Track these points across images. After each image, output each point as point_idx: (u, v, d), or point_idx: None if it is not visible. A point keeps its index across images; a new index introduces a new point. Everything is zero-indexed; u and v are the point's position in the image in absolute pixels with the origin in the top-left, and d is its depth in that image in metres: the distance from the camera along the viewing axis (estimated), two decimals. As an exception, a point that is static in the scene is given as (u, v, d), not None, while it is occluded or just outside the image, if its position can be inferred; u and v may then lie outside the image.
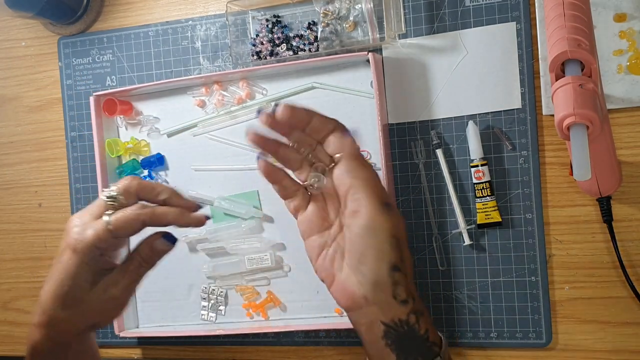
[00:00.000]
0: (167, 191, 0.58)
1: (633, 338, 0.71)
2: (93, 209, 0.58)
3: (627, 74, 0.69)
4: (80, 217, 0.58)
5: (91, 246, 0.56)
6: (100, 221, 0.56)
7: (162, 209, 0.57)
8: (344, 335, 0.80)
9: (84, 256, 0.56)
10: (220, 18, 0.84)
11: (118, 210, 0.57)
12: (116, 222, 0.56)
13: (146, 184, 0.58)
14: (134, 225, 0.56)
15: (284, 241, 0.82)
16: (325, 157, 0.52)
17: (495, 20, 0.74)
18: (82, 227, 0.56)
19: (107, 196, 0.57)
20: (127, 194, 0.57)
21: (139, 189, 0.58)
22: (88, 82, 0.90)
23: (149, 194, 0.58)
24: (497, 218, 0.73)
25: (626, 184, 0.70)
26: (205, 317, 0.85)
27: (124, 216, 0.56)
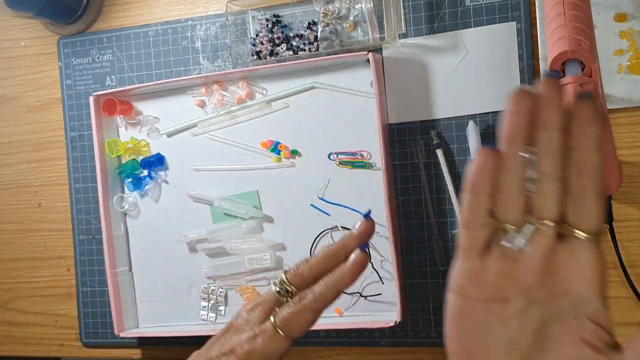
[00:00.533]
0: (325, 255, 0.51)
1: (633, 338, 0.71)
2: (265, 304, 0.51)
3: (627, 73, 0.69)
4: (249, 314, 0.51)
5: (261, 359, 0.50)
6: (268, 327, 0.50)
7: (325, 287, 0.50)
8: (344, 335, 0.80)
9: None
10: (220, 18, 0.84)
11: (282, 308, 0.50)
12: (283, 324, 0.49)
13: (313, 264, 0.51)
14: (306, 320, 0.49)
15: (284, 241, 0.82)
16: (550, 211, 0.34)
17: (495, 20, 0.74)
18: (251, 333, 0.50)
19: (278, 290, 0.51)
20: (299, 281, 0.51)
21: (308, 272, 0.51)
22: (88, 82, 0.90)
23: (321, 271, 0.51)
24: (497, 218, 0.73)
25: (626, 184, 0.70)
26: (205, 317, 0.85)
27: (289, 315, 0.49)
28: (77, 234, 0.91)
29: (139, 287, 0.88)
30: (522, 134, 0.33)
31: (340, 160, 0.79)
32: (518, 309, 0.35)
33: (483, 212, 0.35)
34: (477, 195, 0.34)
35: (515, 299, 0.35)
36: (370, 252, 0.51)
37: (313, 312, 0.49)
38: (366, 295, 0.78)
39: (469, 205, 0.35)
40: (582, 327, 0.33)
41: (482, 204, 0.34)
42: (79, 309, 0.91)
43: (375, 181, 0.77)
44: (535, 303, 0.34)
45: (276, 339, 0.49)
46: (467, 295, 0.35)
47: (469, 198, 0.35)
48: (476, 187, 0.34)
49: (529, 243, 0.34)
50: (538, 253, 0.34)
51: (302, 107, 0.80)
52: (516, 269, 0.34)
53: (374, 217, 0.78)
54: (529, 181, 0.33)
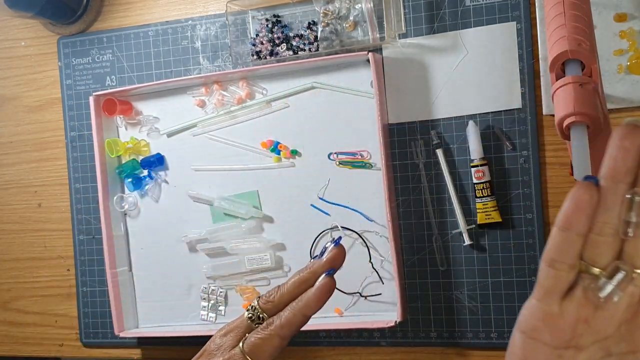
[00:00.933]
0: (295, 281, 0.52)
1: (633, 338, 0.71)
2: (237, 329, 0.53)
3: (627, 73, 0.69)
4: (221, 339, 0.53)
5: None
6: (236, 352, 0.51)
7: (291, 312, 0.51)
8: (344, 335, 0.80)
9: None
10: (220, 18, 0.84)
11: (251, 334, 0.51)
12: (250, 351, 0.50)
13: (284, 291, 0.52)
14: (273, 346, 0.50)
15: (284, 241, 0.82)
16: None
17: (495, 20, 0.74)
18: (220, 358, 0.51)
19: (250, 316, 0.52)
20: (270, 307, 0.52)
21: (279, 299, 0.52)
22: (88, 82, 0.90)
23: (292, 297, 0.52)
24: (497, 218, 0.73)
25: (626, 184, 0.70)
26: (205, 317, 0.85)
27: (256, 340, 0.50)
28: (77, 234, 0.91)
29: (139, 287, 0.88)
30: (629, 173, 0.31)
31: (340, 160, 0.79)
32: (590, 359, 0.33)
33: (573, 253, 0.32)
34: (569, 234, 0.32)
35: (589, 349, 0.32)
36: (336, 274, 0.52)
37: (280, 338, 0.50)
38: (366, 295, 0.78)
39: (558, 244, 0.32)
40: None
41: (574, 243, 0.32)
42: (79, 309, 0.91)
43: (375, 181, 0.77)
44: (611, 356, 0.32)
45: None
46: (539, 338, 0.33)
47: (560, 235, 0.32)
48: (570, 224, 0.31)
49: (619, 290, 0.31)
50: (624, 303, 0.32)
51: (302, 107, 0.80)
52: (597, 317, 0.32)
53: (373, 218, 0.78)
54: (627, 225, 0.31)
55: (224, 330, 0.53)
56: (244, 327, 0.52)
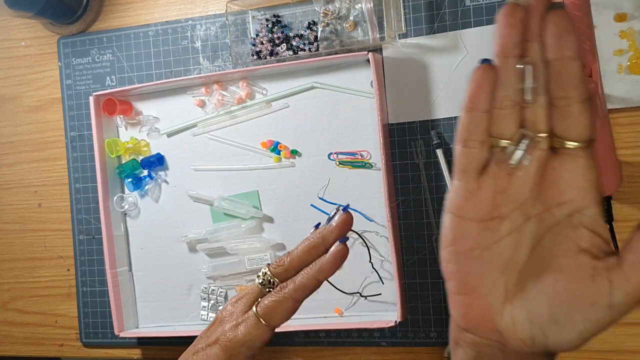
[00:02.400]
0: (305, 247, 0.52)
1: (633, 338, 0.71)
2: (248, 296, 0.53)
3: (627, 73, 0.69)
4: (233, 306, 0.53)
5: (243, 347, 0.51)
6: (250, 315, 0.51)
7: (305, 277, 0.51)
8: (344, 335, 0.80)
9: (234, 357, 0.51)
10: (220, 18, 0.84)
11: (264, 298, 0.52)
12: (264, 313, 0.51)
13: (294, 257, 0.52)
14: (286, 309, 0.51)
15: (284, 241, 0.82)
16: (543, 123, 0.34)
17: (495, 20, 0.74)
18: (234, 322, 0.52)
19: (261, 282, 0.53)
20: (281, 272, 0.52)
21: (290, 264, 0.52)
22: (88, 82, 0.90)
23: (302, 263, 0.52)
24: (497, 218, 0.73)
25: (626, 184, 0.70)
26: (205, 317, 0.85)
27: (270, 303, 0.51)
28: (77, 234, 0.91)
29: (139, 287, 0.88)
30: (515, 47, 0.33)
31: (340, 160, 0.79)
32: (513, 226, 0.35)
33: (482, 130, 0.34)
34: (475, 113, 0.34)
35: (510, 216, 0.35)
36: (366, 240, 0.53)
37: (293, 301, 0.50)
38: (366, 295, 0.78)
39: (467, 124, 0.35)
40: (579, 236, 0.33)
41: (480, 121, 0.34)
42: (79, 309, 0.91)
43: (375, 181, 0.77)
44: (530, 218, 0.35)
45: (258, 327, 0.50)
46: (464, 215, 0.35)
47: (467, 116, 0.34)
48: (474, 104, 0.34)
49: (527, 155, 0.34)
50: (533, 167, 0.34)
51: (302, 107, 0.80)
52: (511, 185, 0.35)
53: (373, 218, 0.78)
54: (523, 93, 0.33)
55: (235, 298, 0.53)
56: (256, 293, 0.53)
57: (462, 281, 0.36)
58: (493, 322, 0.35)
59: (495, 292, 0.35)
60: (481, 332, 0.36)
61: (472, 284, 0.36)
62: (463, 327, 0.37)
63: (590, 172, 0.33)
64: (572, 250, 0.33)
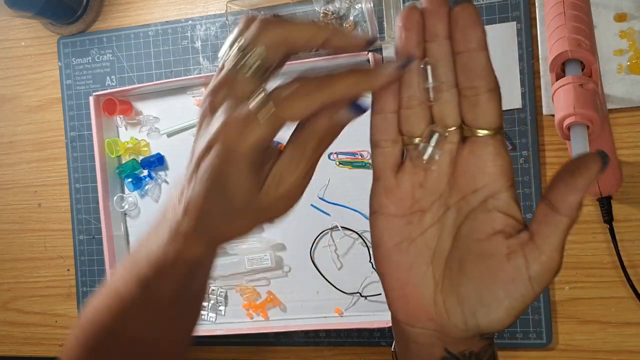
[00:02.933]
0: (325, 30, 0.37)
1: (633, 338, 0.71)
2: (237, 87, 0.36)
3: (627, 73, 0.69)
4: (224, 102, 0.36)
5: (254, 151, 0.36)
6: (255, 109, 0.35)
7: (339, 75, 0.37)
8: (344, 335, 0.80)
9: (245, 165, 0.36)
10: (220, 18, 0.84)
11: (278, 89, 0.37)
12: (283, 108, 0.36)
13: (287, 26, 0.39)
14: (310, 106, 0.37)
15: (284, 241, 0.82)
16: (451, 117, 0.35)
17: (495, 20, 0.74)
18: (233, 124, 0.35)
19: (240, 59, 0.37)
20: (272, 48, 0.38)
21: (282, 37, 0.38)
22: (88, 82, 0.90)
23: (302, 41, 0.39)
24: (497, 218, 0.73)
25: (626, 184, 0.70)
26: (205, 318, 0.85)
27: (293, 97, 0.36)
28: (77, 234, 0.91)
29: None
30: (418, 47, 0.34)
31: (340, 160, 0.79)
32: (435, 217, 0.36)
33: (392, 129, 0.37)
34: (383, 114, 0.37)
35: (431, 208, 0.37)
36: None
37: (320, 103, 0.37)
38: (366, 295, 0.78)
39: (377, 125, 0.37)
40: (493, 220, 0.34)
41: (390, 121, 0.37)
42: (79, 309, 0.91)
43: (375, 181, 0.77)
44: (450, 208, 0.36)
45: (272, 125, 0.36)
46: (387, 212, 0.37)
47: (377, 118, 0.37)
48: (382, 107, 0.36)
49: (437, 150, 0.35)
50: (445, 160, 0.36)
51: (302, 107, 0.80)
52: (428, 179, 0.36)
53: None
54: (427, 92, 0.35)
55: (211, 87, 0.37)
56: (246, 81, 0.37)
57: (394, 276, 0.38)
58: (428, 311, 0.37)
59: (426, 283, 0.37)
60: (419, 323, 0.37)
61: (403, 277, 0.37)
62: (402, 320, 0.38)
63: (500, 158, 0.35)
64: (488, 233, 0.34)
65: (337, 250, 0.79)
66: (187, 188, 0.37)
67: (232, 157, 0.35)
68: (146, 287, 0.41)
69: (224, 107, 0.36)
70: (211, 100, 0.37)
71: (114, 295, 0.43)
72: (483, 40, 0.34)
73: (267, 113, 0.36)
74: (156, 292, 0.41)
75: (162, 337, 0.45)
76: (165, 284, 0.41)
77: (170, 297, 0.42)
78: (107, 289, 0.44)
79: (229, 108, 0.36)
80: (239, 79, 0.36)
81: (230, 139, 0.35)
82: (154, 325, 0.44)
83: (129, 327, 0.43)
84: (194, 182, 0.37)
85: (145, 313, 0.43)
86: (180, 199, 0.38)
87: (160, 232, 0.39)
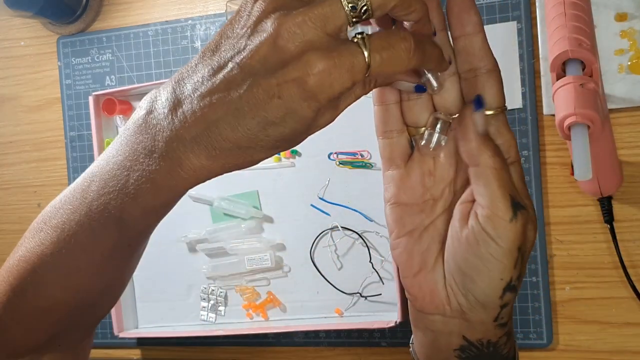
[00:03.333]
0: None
1: (634, 339, 0.71)
2: (328, 21, 0.31)
3: (628, 73, 0.69)
4: (316, 37, 0.30)
5: (338, 96, 0.32)
6: (354, 56, 0.31)
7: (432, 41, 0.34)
8: (344, 335, 0.80)
9: (321, 107, 0.32)
10: (219, 17, 0.84)
11: (376, 38, 0.31)
12: (381, 62, 0.31)
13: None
14: (400, 66, 0.32)
15: (284, 241, 0.82)
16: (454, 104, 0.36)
17: (495, 20, 0.74)
18: (325, 64, 0.30)
19: (351, 6, 0.31)
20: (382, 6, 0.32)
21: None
22: (87, 81, 0.90)
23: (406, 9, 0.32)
24: (497, 218, 0.73)
25: (627, 184, 0.70)
26: (205, 318, 0.85)
27: (393, 51, 0.31)
28: (76, 234, 0.91)
29: (138, 287, 0.88)
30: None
31: (340, 160, 0.79)
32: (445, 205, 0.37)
33: (396, 119, 0.37)
34: (386, 106, 0.37)
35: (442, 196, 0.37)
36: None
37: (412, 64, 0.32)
38: (366, 296, 0.78)
39: (381, 116, 0.38)
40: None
41: (393, 112, 0.37)
42: (79, 309, 0.91)
43: (375, 181, 0.77)
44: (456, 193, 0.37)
45: (364, 75, 0.31)
46: (400, 201, 0.39)
47: (380, 109, 0.38)
48: (383, 98, 0.37)
49: (443, 136, 0.36)
50: (452, 145, 0.37)
51: (302, 107, 0.80)
52: (437, 166, 0.37)
53: (373, 218, 0.78)
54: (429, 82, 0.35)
55: (298, 20, 0.30)
56: (342, 20, 0.31)
57: (409, 264, 0.38)
58: (441, 296, 0.37)
59: (437, 268, 0.37)
60: (435, 310, 0.38)
61: (418, 264, 0.38)
62: (418, 308, 0.39)
63: (501, 136, 0.35)
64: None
65: (337, 250, 0.79)
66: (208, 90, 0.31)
67: (319, 98, 0.31)
68: (122, 224, 0.36)
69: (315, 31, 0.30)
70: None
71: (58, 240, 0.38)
72: (479, 23, 0.35)
73: (364, 68, 0.31)
74: (132, 230, 0.37)
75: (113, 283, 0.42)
76: (144, 219, 0.36)
77: (143, 234, 0.39)
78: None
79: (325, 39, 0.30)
80: (341, 10, 0.31)
81: (322, 83, 0.30)
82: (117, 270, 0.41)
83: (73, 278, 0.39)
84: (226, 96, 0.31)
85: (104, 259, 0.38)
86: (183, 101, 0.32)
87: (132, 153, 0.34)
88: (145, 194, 0.34)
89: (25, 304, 0.40)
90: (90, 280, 0.40)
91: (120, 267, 0.42)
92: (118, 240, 0.37)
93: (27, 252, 0.40)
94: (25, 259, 0.40)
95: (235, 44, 0.32)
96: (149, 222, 0.38)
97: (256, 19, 0.31)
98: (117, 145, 0.35)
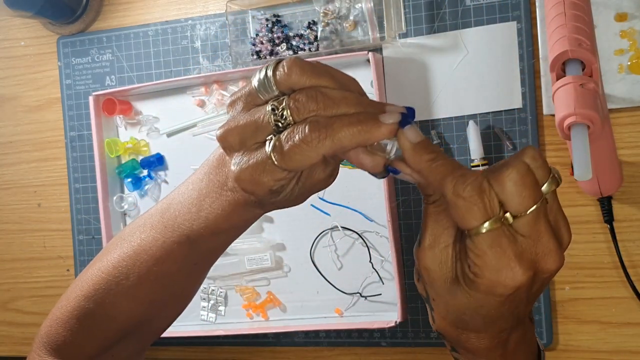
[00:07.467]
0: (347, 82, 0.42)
1: (634, 338, 0.71)
2: (253, 127, 0.37)
3: (628, 73, 0.69)
4: (241, 145, 0.37)
5: (268, 195, 0.39)
6: (268, 162, 0.36)
7: (344, 122, 0.37)
8: (344, 335, 0.80)
9: (260, 207, 0.41)
10: (219, 17, 0.84)
11: (285, 133, 0.36)
12: (286, 159, 0.36)
13: (315, 70, 0.39)
14: (311, 158, 0.36)
15: (284, 241, 0.82)
16: None
17: (495, 20, 0.74)
18: (248, 169, 0.37)
19: (272, 108, 0.36)
20: (290, 86, 0.37)
21: (305, 77, 0.38)
22: (87, 81, 0.90)
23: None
24: (497, 218, 0.73)
25: (627, 184, 0.70)
26: (205, 318, 0.85)
27: (295, 148, 0.35)
28: (76, 234, 0.91)
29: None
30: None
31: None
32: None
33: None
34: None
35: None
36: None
37: (318, 154, 0.36)
38: (366, 296, 0.78)
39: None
40: None
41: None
42: (79, 309, 0.91)
43: (375, 181, 0.77)
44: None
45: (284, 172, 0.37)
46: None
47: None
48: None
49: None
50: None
51: (302, 107, 0.80)
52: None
53: (373, 218, 0.78)
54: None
55: (233, 127, 0.37)
56: (266, 122, 0.37)
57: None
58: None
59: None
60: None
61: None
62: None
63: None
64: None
65: (337, 250, 0.79)
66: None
67: (252, 200, 0.40)
68: (191, 241, 0.43)
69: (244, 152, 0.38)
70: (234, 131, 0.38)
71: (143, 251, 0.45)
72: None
73: (277, 161, 0.36)
74: (201, 247, 0.43)
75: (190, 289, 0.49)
76: (216, 239, 0.43)
77: (212, 253, 0.46)
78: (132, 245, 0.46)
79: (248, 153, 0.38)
80: (263, 123, 0.37)
81: (251, 187, 0.38)
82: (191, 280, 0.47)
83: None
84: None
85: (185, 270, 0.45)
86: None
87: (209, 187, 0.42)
88: (214, 217, 0.41)
89: (93, 308, 0.47)
90: (156, 291, 0.45)
91: (185, 283, 0.47)
92: (188, 255, 0.43)
93: (103, 264, 0.46)
94: (101, 269, 0.46)
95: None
96: (217, 243, 0.44)
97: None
98: (200, 175, 0.44)
